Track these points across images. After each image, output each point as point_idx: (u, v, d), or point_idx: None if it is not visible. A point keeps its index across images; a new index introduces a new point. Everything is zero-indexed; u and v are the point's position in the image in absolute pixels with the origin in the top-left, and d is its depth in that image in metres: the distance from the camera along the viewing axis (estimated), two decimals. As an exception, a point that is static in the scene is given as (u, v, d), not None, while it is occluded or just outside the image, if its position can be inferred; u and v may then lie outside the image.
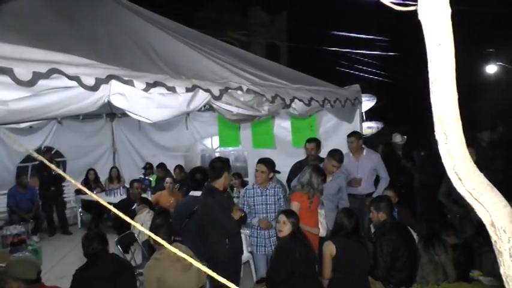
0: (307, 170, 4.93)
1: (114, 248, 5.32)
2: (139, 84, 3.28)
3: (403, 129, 9.32)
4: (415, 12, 0.95)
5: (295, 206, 4.73)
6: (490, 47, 21.37)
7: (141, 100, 3.39)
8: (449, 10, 0.92)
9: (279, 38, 26.42)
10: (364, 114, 6.62)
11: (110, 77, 3.08)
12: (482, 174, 1.01)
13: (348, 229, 4.02)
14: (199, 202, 4.56)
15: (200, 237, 4.49)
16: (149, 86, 3.34)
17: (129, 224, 5.88)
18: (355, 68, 21.65)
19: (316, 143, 5.97)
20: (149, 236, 3.86)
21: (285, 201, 5.09)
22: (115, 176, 9.73)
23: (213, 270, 4.07)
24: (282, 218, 4.05)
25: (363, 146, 6.13)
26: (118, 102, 3.26)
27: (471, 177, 0.99)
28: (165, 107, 3.57)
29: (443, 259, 4.07)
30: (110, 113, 9.93)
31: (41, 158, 2.09)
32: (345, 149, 5.94)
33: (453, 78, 0.95)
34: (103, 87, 3.03)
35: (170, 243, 3.71)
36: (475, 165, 1.00)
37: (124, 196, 8.13)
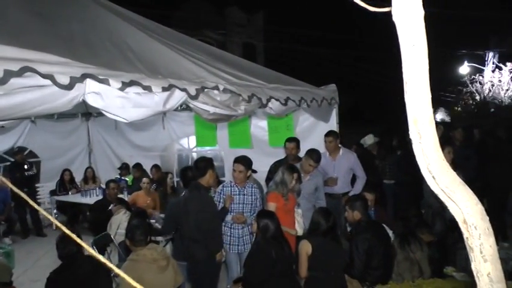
0: (280, 169, 4.96)
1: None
2: (115, 83, 3.24)
3: (381, 129, 9.44)
4: (390, 13, 0.96)
5: (271, 206, 4.76)
6: (463, 49, 21.87)
7: (117, 99, 3.36)
8: (422, 12, 0.93)
9: (256, 38, 26.48)
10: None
11: (85, 76, 3.03)
12: (455, 172, 1.03)
13: (324, 228, 4.05)
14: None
15: (180, 235, 4.49)
16: (125, 85, 3.31)
17: (105, 225, 5.89)
18: (333, 67, 21.84)
19: (296, 142, 5.99)
20: (125, 237, 3.84)
21: (262, 201, 5.11)
22: (90, 177, 9.58)
23: (192, 270, 4.06)
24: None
25: (340, 145, 6.17)
26: (93, 101, 3.22)
27: (444, 176, 1.01)
28: (141, 106, 3.54)
29: (419, 256, 4.14)
30: (86, 112, 9.80)
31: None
32: (321, 149, 5.98)
33: (427, 78, 0.96)
34: (78, 86, 2.99)
35: (146, 244, 3.67)
36: (448, 164, 1.02)
37: (100, 197, 8.02)
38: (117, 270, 1.31)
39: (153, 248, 3.68)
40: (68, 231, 1.38)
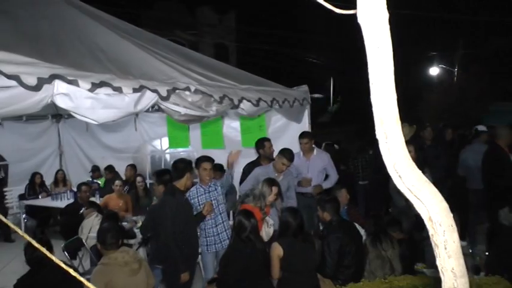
0: (261, 183, 4.89)
1: (60, 254, 5.15)
2: (85, 84, 3.20)
3: (353, 129, 9.57)
4: (355, 15, 0.98)
5: None
6: (433, 51, 22.36)
7: (87, 100, 3.32)
8: (387, 14, 0.95)
9: (228, 38, 26.43)
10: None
11: (53, 77, 2.99)
12: (420, 171, 1.05)
13: (294, 227, 4.08)
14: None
15: (155, 237, 4.45)
16: (95, 86, 3.27)
17: (77, 229, 5.79)
18: (306, 68, 22.02)
19: (270, 142, 6.02)
20: (97, 241, 3.79)
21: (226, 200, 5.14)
22: (61, 179, 9.37)
23: (168, 271, 4.02)
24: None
25: (313, 146, 6.22)
26: (62, 102, 3.17)
27: (410, 174, 1.03)
28: (112, 107, 3.50)
29: (390, 254, 4.21)
30: (56, 114, 9.60)
31: None
32: (294, 149, 6.03)
33: (392, 80, 0.98)
34: (46, 87, 2.94)
35: (118, 247, 3.62)
36: (413, 163, 1.04)
37: (71, 200, 7.86)
38: (82, 280, 1.29)
39: (125, 251, 3.63)
40: (31, 240, 1.35)
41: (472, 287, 2.90)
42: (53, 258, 1.21)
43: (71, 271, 1.21)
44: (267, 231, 4.95)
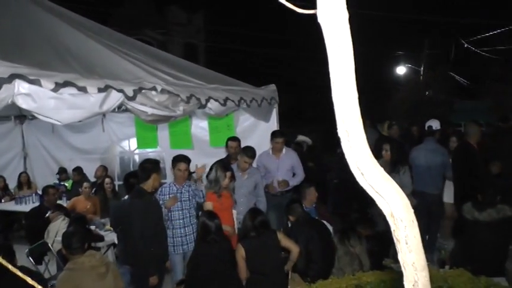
0: (214, 167, 4.99)
1: (25, 260, 5.02)
2: (48, 84, 3.12)
3: (321, 128, 9.65)
4: (316, 15, 0.98)
5: (208, 205, 4.80)
6: (400, 50, 22.83)
7: (50, 101, 3.23)
8: (347, 14, 0.95)
9: (197, 38, 26.24)
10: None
11: (14, 76, 2.90)
12: (382, 168, 1.06)
13: (256, 227, 4.10)
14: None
15: (123, 239, 4.39)
16: (58, 85, 3.19)
17: (43, 233, 5.65)
18: (273, 67, 22.11)
19: (238, 141, 6.03)
20: (62, 245, 3.70)
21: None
22: (25, 182, 9.11)
23: (136, 274, 3.95)
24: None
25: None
26: (24, 103, 3.08)
27: (372, 172, 1.04)
28: (76, 108, 3.42)
29: (358, 250, 4.28)
30: (20, 115, 9.31)
31: None
32: (262, 148, 6.07)
33: (353, 78, 0.98)
34: (5, 87, 2.85)
35: (84, 251, 3.54)
36: (375, 160, 1.05)
37: (37, 203, 7.67)
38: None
39: (91, 255, 3.56)
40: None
41: (438, 280, 2.97)
42: (9, 266, 1.16)
43: (29, 280, 1.17)
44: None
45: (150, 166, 4.57)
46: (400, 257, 1.06)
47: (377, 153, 6.74)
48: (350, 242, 4.29)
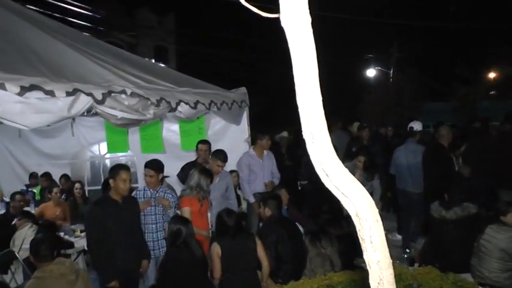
0: (195, 173, 4.94)
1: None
2: (13, 88, 3.06)
3: (291, 131, 9.68)
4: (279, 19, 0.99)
5: (185, 211, 4.73)
6: (370, 53, 23.21)
7: (16, 105, 3.18)
8: (309, 18, 0.97)
9: (168, 40, 26.06)
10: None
11: (-24, 81, 2.82)
12: (347, 169, 1.08)
13: (231, 227, 4.11)
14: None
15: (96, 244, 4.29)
16: (24, 89, 3.13)
17: (9, 242, 5.49)
18: (244, 70, 22.15)
19: (208, 144, 6.03)
20: (30, 253, 3.60)
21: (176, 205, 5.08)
22: (-12, 189, 8.84)
23: (104, 281, 3.85)
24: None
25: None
26: (-13, 108, 3.00)
27: (337, 173, 1.06)
28: (44, 112, 3.37)
29: (330, 251, 4.32)
30: (-17, 119, 9.04)
31: None
32: (234, 151, 6.09)
33: (316, 81, 1.00)
34: (-33, 91, 2.77)
35: (53, 258, 3.47)
36: (340, 162, 1.07)
37: (2, 211, 7.45)
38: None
39: (60, 263, 3.48)
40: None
41: (407, 277, 3.03)
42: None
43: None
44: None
45: (109, 174, 4.33)
46: (365, 256, 1.08)
47: (348, 156, 6.94)
48: (321, 243, 4.32)
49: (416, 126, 7.74)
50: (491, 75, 25.75)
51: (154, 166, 4.92)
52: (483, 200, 5.36)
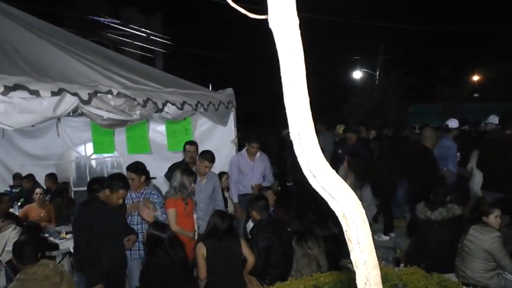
0: (177, 173, 4.91)
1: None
2: (-3, 88, 3.01)
3: (278, 132, 9.74)
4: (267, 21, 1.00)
5: (171, 212, 4.71)
6: (356, 55, 23.36)
7: (0, 105, 3.12)
8: (297, 20, 0.98)
9: (154, 40, 25.88)
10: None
11: (-41, 80, 2.78)
12: (334, 170, 1.09)
13: (221, 230, 4.10)
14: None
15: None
16: (8, 89, 3.09)
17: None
18: (231, 71, 22.15)
19: (196, 145, 6.02)
20: (13, 256, 3.54)
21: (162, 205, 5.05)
22: (-30, 190, 8.69)
23: (89, 283, 3.79)
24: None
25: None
26: (-30, 107, 2.96)
27: (324, 174, 1.06)
28: (28, 112, 3.33)
29: (316, 252, 4.34)
30: (-34, 119, 8.89)
31: None
32: (221, 152, 6.09)
33: (304, 83, 1.01)
34: (-50, 91, 2.73)
35: (37, 261, 3.42)
36: (327, 163, 1.07)
37: (-15, 212, 7.32)
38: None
39: (44, 264, 3.44)
40: None
41: (393, 278, 3.06)
42: None
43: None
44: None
45: (106, 185, 4.22)
46: (352, 256, 1.09)
47: (335, 159, 7.01)
48: (308, 244, 4.34)
49: (452, 123, 7.82)
50: (475, 77, 26.15)
51: (135, 168, 4.88)
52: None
